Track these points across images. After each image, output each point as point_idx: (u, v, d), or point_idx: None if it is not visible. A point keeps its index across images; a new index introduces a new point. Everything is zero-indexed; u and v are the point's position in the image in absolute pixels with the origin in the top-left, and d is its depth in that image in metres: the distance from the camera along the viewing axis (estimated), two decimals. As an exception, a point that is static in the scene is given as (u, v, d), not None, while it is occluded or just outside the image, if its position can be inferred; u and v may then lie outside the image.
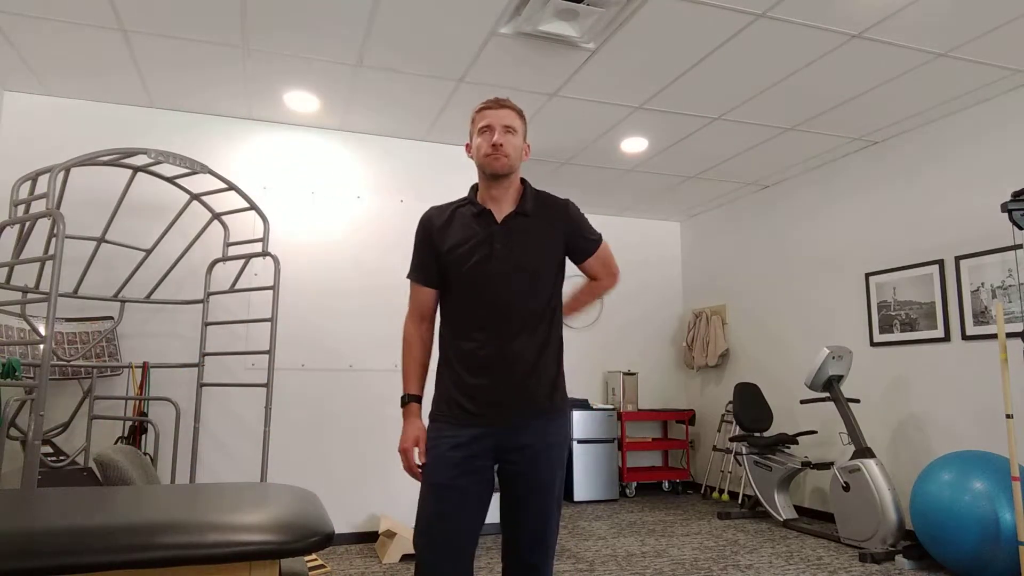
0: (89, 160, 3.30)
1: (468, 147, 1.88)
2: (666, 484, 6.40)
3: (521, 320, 1.78)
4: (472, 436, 1.73)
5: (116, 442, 3.77)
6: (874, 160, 4.82)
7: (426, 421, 1.83)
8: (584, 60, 3.63)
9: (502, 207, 1.83)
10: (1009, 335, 3.76)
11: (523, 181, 1.90)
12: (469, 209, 1.85)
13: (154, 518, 1.22)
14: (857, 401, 4.54)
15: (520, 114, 1.85)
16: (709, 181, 5.72)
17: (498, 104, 1.82)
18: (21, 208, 3.47)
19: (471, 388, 1.75)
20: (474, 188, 1.89)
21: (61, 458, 3.56)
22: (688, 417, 6.41)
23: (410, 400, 1.83)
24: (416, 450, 1.76)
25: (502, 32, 3.34)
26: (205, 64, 3.70)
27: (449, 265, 1.81)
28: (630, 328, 6.76)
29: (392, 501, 4.39)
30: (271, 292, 4.23)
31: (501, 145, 1.77)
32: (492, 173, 1.79)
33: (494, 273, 1.78)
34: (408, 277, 1.91)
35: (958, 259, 4.14)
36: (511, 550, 1.76)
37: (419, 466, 1.76)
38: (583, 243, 1.94)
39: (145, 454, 3.36)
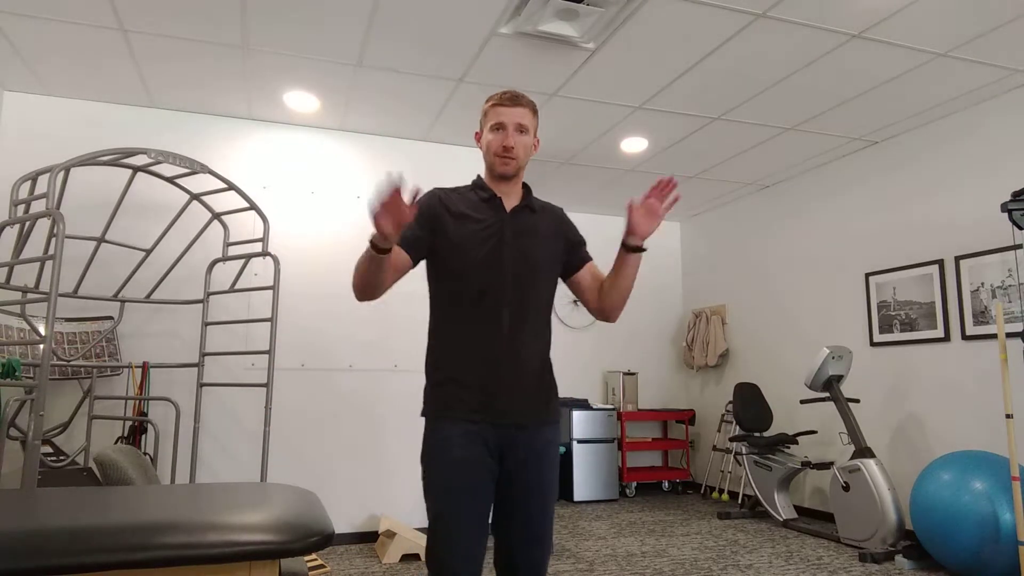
0: (89, 160, 3.30)
1: (478, 136, 1.85)
2: (666, 484, 6.40)
3: (527, 313, 1.74)
4: (483, 432, 1.67)
5: (116, 442, 3.78)
6: (874, 160, 4.82)
7: (422, 420, 1.78)
8: (584, 60, 3.63)
9: (509, 199, 1.82)
10: (1009, 335, 3.76)
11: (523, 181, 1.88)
12: (479, 194, 1.81)
13: (154, 518, 1.22)
14: (857, 401, 4.54)
15: (534, 110, 1.81)
16: (709, 181, 5.72)
17: (513, 101, 1.76)
18: (21, 208, 3.47)
19: (476, 383, 1.68)
20: (480, 177, 1.87)
21: (61, 458, 3.56)
22: (688, 417, 6.41)
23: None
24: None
25: (502, 32, 3.34)
26: (205, 64, 3.70)
27: (457, 246, 1.73)
28: (630, 328, 6.76)
29: (392, 501, 4.39)
30: (271, 292, 4.23)
31: (512, 147, 1.75)
32: (500, 175, 1.78)
33: (505, 260, 1.73)
34: None
35: (958, 259, 4.14)
36: (512, 553, 1.70)
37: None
38: (581, 251, 1.90)
39: (145, 454, 3.35)
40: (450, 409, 1.69)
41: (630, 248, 1.72)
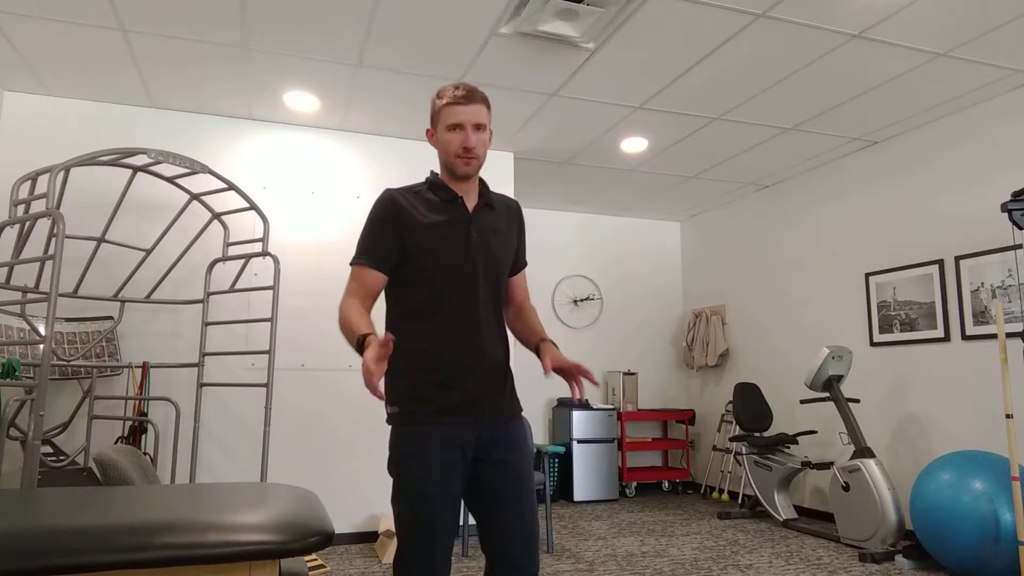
0: (89, 160, 3.30)
1: (430, 133, 1.78)
2: (666, 484, 6.40)
3: (493, 312, 1.76)
4: (458, 434, 1.66)
5: (116, 442, 3.78)
6: (874, 160, 4.82)
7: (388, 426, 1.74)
8: (584, 60, 3.63)
9: (469, 199, 1.79)
10: (1009, 335, 3.76)
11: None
12: (440, 194, 1.76)
13: (154, 518, 1.22)
14: (857, 401, 4.54)
15: (488, 104, 1.75)
16: (709, 181, 5.72)
17: (468, 99, 1.69)
18: (21, 208, 3.47)
19: (451, 383, 1.67)
20: (435, 174, 1.81)
21: (61, 458, 3.56)
22: (688, 417, 6.41)
23: (368, 335, 1.53)
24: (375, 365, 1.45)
25: (502, 32, 3.34)
26: (205, 63, 3.70)
27: (420, 248, 1.69)
28: (630, 328, 6.76)
29: (392, 501, 4.39)
30: (271, 292, 4.23)
31: (473, 147, 1.69)
32: (463, 176, 1.74)
33: (473, 262, 1.72)
34: (355, 262, 1.72)
35: (958, 259, 4.14)
36: (501, 554, 1.67)
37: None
38: (522, 253, 1.93)
39: (145, 454, 3.36)
40: (425, 413, 1.67)
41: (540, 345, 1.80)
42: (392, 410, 1.71)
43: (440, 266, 1.70)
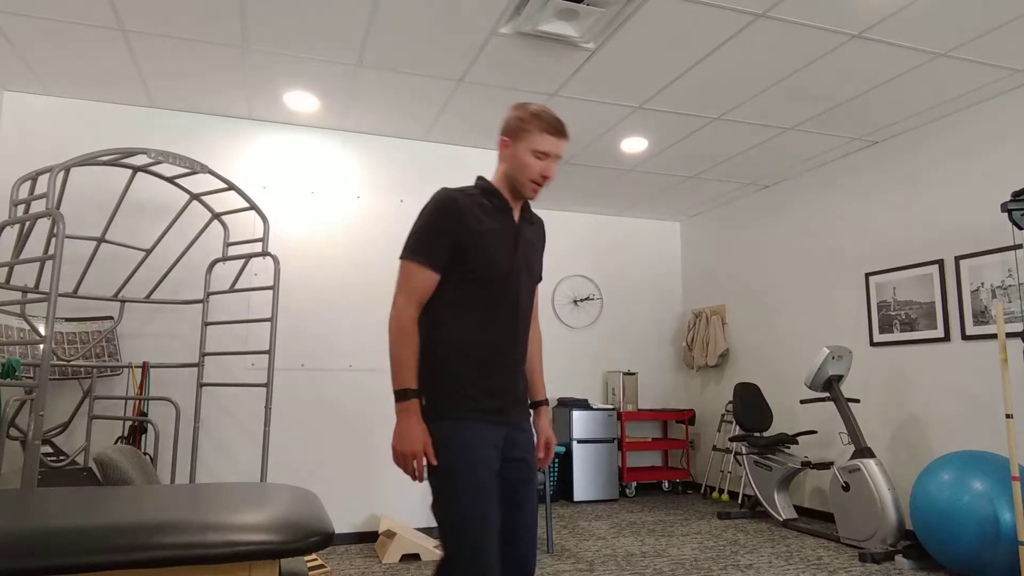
0: (89, 160, 3.30)
1: (506, 144, 1.80)
2: (666, 484, 6.40)
3: (524, 320, 1.85)
4: (498, 432, 1.75)
5: (116, 442, 3.77)
6: (874, 160, 4.82)
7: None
8: (584, 60, 3.63)
9: (515, 211, 1.88)
10: (1009, 335, 3.76)
11: None
12: (493, 201, 1.81)
13: (154, 518, 1.22)
14: (857, 401, 4.54)
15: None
16: (709, 181, 5.72)
17: (561, 133, 1.78)
18: (21, 208, 3.47)
19: (493, 384, 1.75)
20: (486, 180, 1.84)
21: (61, 458, 3.56)
22: (688, 417, 6.41)
23: (413, 395, 1.68)
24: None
25: (502, 32, 3.34)
26: (205, 64, 3.70)
27: (474, 251, 1.72)
28: (630, 328, 6.76)
29: (392, 501, 4.39)
30: (271, 292, 4.23)
31: (551, 178, 1.80)
32: (527, 198, 1.84)
33: (516, 270, 1.81)
34: (411, 258, 1.73)
35: (958, 259, 4.14)
36: (507, 548, 1.76)
37: (431, 467, 1.71)
38: (542, 267, 2.05)
39: (145, 454, 3.36)
40: (473, 411, 1.72)
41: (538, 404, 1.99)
42: (437, 407, 1.72)
43: (490, 271, 1.76)
